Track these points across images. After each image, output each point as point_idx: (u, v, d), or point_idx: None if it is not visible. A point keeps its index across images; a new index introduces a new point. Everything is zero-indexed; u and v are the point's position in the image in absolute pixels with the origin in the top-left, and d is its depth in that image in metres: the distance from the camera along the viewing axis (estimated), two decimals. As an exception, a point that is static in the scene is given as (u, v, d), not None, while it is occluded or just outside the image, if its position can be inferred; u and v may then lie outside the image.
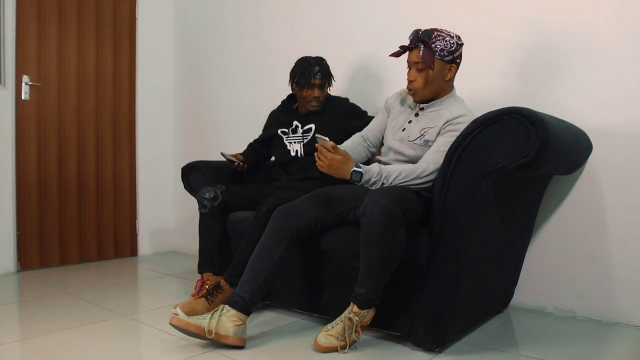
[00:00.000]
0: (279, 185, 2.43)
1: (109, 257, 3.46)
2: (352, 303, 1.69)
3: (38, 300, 2.37)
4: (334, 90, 2.49)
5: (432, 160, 1.72)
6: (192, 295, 2.16)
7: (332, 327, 1.69)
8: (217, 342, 1.69)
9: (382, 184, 1.69)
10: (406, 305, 1.70)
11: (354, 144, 2.01)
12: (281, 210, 1.85)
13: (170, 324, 1.69)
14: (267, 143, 2.56)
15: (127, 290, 2.65)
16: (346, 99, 2.49)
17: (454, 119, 1.75)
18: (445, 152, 1.65)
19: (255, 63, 3.28)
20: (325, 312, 1.95)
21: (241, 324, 1.72)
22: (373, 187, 1.69)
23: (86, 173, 3.33)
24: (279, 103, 2.60)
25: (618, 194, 1.98)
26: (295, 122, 2.42)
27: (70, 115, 3.24)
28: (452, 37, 1.76)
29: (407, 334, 1.70)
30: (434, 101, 1.85)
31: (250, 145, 2.60)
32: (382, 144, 2.03)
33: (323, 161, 1.68)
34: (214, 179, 2.48)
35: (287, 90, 2.57)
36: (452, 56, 1.77)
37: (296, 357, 1.66)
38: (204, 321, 1.68)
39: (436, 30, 1.76)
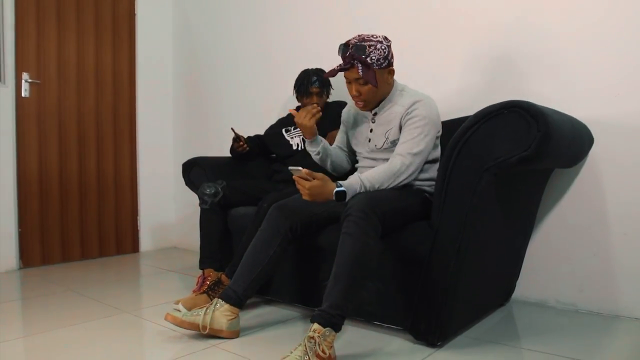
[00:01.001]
0: (279, 179, 2.45)
1: (110, 254, 3.47)
2: (313, 323, 1.52)
3: (40, 297, 2.38)
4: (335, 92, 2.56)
5: (405, 151, 1.75)
6: (194, 291, 2.17)
7: (291, 352, 1.47)
8: (212, 336, 1.73)
9: (368, 189, 1.71)
10: (407, 300, 1.70)
11: (337, 150, 2.11)
12: (276, 207, 1.86)
13: (166, 320, 1.73)
14: (268, 139, 2.65)
15: (129, 287, 2.65)
16: (344, 102, 2.55)
17: (407, 110, 1.79)
18: (415, 139, 1.74)
19: (255, 59, 3.27)
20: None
21: (234, 318, 1.76)
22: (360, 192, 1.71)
23: (87, 170, 3.33)
24: (278, 99, 2.65)
25: (619, 187, 1.97)
26: None
27: (70, 112, 3.24)
28: (381, 42, 1.76)
29: (409, 328, 1.70)
30: (383, 102, 1.88)
31: (250, 137, 2.66)
32: (354, 153, 2.08)
33: (302, 191, 1.68)
34: (215, 175, 2.49)
35: (287, 87, 2.59)
36: (387, 60, 1.78)
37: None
38: (197, 317, 1.72)
39: (365, 40, 1.74)
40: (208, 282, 2.16)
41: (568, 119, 1.78)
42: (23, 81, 3.01)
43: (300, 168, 1.68)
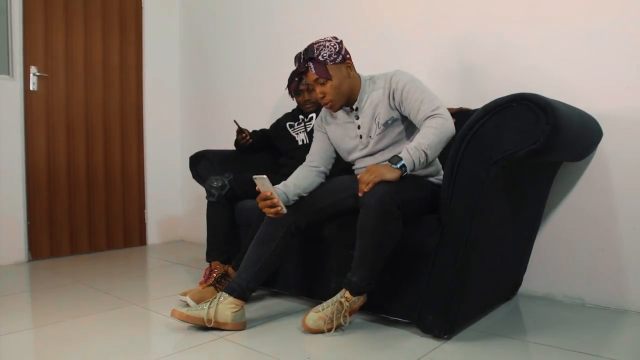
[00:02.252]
0: (286, 172, 2.45)
1: (118, 247, 3.50)
2: (344, 289, 1.73)
3: (49, 289, 2.40)
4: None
5: (430, 110, 1.67)
6: (200, 284, 2.18)
7: (322, 310, 1.72)
8: (218, 329, 1.75)
9: (424, 152, 1.62)
10: (415, 292, 1.70)
11: (302, 175, 1.92)
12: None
13: (172, 316, 1.74)
14: (273, 133, 2.67)
15: (136, 279, 2.67)
16: None
17: (388, 87, 1.79)
18: (424, 100, 1.69)
19: (262, 53, 3.27)
20: (333, 300, 1.96)
21: (238, 310, 1.78)
22: (421, 161, 1.63)
23: (95, 163, 3.36)
24: (284, 93, 2.67)
25: (628, 181, 1.96)
26: (301, 116, 2.57)
27: (78, 105, 3.26)
28: (330, 41, 1.80)
29: (416, 321, 1.71)
30: (359, 95, 1.85)
31: (255, 131, 2.70)
32: (333, 161, 2.01)
33: (366, 179, 1.59)
34: (222, 168, 2.50)
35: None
36: (341, 55, 1.80)
37: (300, 340, 1.68)
38: (202, 312, 1.74)
39: (314, 43, 1.80)
40: (215, 275, 2.17)
41: (577, 112, 1.77)
42: (31, 75, 3.03)
43: (264, 176, 1.69)
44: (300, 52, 1.82)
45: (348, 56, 1.83)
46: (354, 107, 1.87)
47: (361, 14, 2.73)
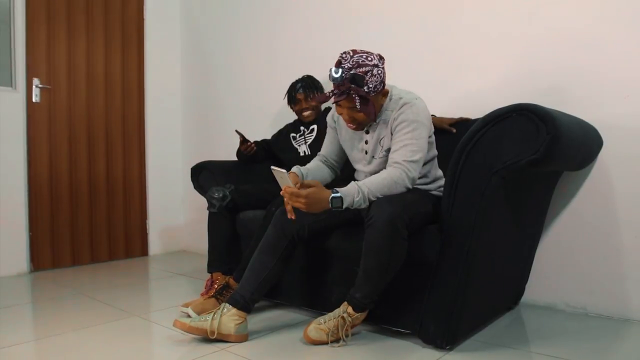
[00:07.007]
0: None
1: (120, 257, 3.49)
2: (347, 303, 1.73)
3: (51, 300, 2.40)
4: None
5: (402, 159, 1.66)
6: (202, 295, 2.18)
7: (324, 322, 1.73)
8: (220, 340, 1.75)
9: (369, 199, 1.62)
10: (416, 303, 1.70)
11: (316, 166, 1.97)
12: (283, 210, 1.84)
13: (174, 327, 1.74)
14: (274, 144, 2.69)
15: (138, 290, 2.67)
16: None
17: (395, 115, 1.72)
18: (409, 146, 1.67)
19: (263, 63, 3.29)
20: (335, 311, 1.95)
21: (242, 322, 1.77)
22: (361, 207, 1.63)
23: (97, 174, 3.36)
24: (285, 104, 2.72)
25: (629, 189, 1.96)
26: (302, 127, 2.60)
27: (80, 117, 3.27)
28: (377, 66, 1.66)
29: (418, 332, 1.70)
30: None
31: (256, 141, 2.70)
32: (343, 160, 2.02)
33: (300, 202, 1.59)
34: (223, 178, 2.50)
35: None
36: (383, 83, 1.70)
37: (302, 351, 1.67)
38: (205, 323, 1.73)
39: (360, 65, 1.62)
40: (216, 286, 2.17)
41: (577, 121, 1.77)
42: (34, 86, 3.05)
43: (285, 171, 1.61)
44: (343, 66, 1.63)
45: (384, 79, 1.72)
46: None
47: (363, 19, 2.75)
